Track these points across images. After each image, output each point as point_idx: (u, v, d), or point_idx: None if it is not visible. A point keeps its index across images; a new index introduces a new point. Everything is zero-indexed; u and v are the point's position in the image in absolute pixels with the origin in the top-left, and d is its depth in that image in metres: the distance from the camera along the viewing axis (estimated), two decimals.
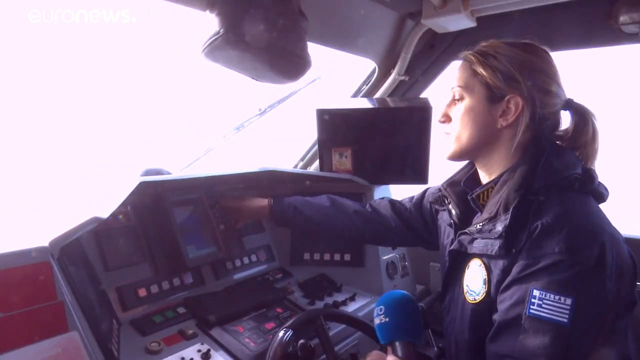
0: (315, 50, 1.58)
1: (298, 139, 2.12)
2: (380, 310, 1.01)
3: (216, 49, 1.16)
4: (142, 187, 1.20)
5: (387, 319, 0.99)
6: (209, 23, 1.17)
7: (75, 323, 0.86)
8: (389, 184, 1.87)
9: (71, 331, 0.85)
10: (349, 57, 1.78)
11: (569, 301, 0.83)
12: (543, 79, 0.98)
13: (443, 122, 1.10)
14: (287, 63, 1.23)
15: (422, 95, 1.90)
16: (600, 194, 1.00)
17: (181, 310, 1.32)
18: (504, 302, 0.91)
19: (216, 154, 1.82)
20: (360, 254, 1.74)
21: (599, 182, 1.01)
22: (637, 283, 0.96)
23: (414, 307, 1.04)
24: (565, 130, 1.04)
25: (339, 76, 2.02)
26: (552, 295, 0.84)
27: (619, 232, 0.94)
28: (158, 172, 1.51)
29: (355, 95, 1.98)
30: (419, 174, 1.75)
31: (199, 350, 1.17)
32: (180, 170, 1.81)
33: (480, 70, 1.01)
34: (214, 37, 1.14)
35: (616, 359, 0.92)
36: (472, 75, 1.03)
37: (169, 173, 1.55)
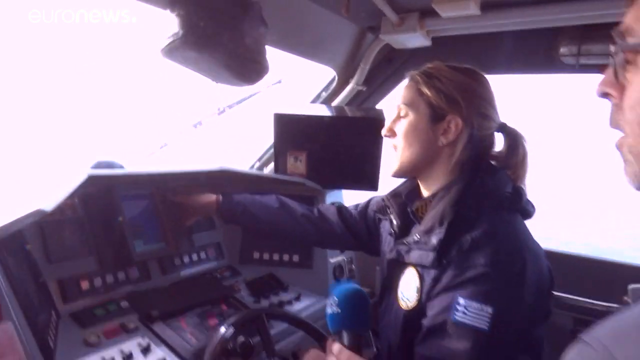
0: (277, 54, 1.62)
1: (256, 140, 2.14)
2: (334, 301, 1.05)
3: (175, 49, 1.18)
4: (91, 180, 1.20)
5: (338, 310, 1.02)
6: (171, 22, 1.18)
7: (10, 314, 0.86)
8: (340, 189, 1.92)
9: (5, 322, 0.85)
10: (310, 63, 1.82)
11: (489, 310, 0.89)
12: (481, 103, 1.07)
13: (388, 136, 1.17)
14: (245, 67, 1.25)
15: (379, 106, 1.97)
16: (527, 212, 1.09)
17: (124, 304, 1.32)
18: (433, 309, 0.98)
19: (172, 149, 1.82)
20: (309, 255, 1.78)
21: (527, 199, 1.09)
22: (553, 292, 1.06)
23: (364, 302, 1.08)
24: (500, 152, 1.13)
25: (300, 80, 2.06)
26: (475, 304, 0.90)
27: (540, 248, 1.03)
28: (110, 165, 1.50)
29: (314, 101, 2.03)
30: (370, 182, 1.81)
31: (139, 344, 1.18)
32: (134, 164, 1.80)
33: (425, 90, 1.08)
34: (173, 38, 1.16)
35: None
36: (417, 94, 1.10)
37: (121, 166, 1.54)
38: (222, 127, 1.91)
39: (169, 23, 1.15)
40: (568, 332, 1.58)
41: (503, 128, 1.11)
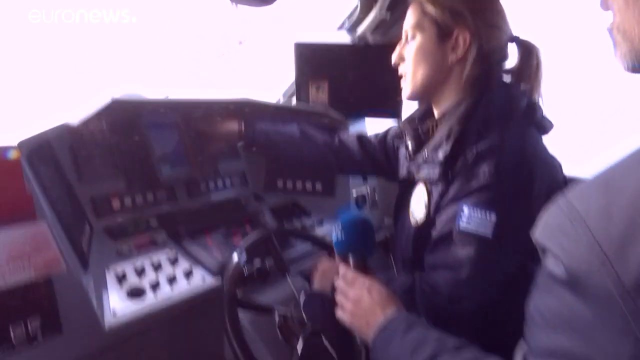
0: None
1: (281, 72, 2.13)
2: (338, 227, 1.08)
3: None
4: (118, 106, 1.24)
5: (342, 236, 1.06)
6: None
7: (44, 213, 0.93)
8: (363, 117, 1.92)
9: (39, 221, 0.92)
10: None
11: (493, 217, 0.90)
12: (488, 15, 1.04)
13: (397, 63, 1.15)
14: None
15: None
16: (543, 126, 1.06)
17: (153, 222, 1.40)
18: (440, 221, 0.99)
19: (197, 81, 1.85)
20: (332, 184, 1.81)
21: (543, 115, 1.07)
22: None
23: (367, 227, 1.11)
24: (513, 66, 1.10)
25: (323, 8, 2.02)
26: (479, 211, 0.91)
27: (556, 161, 1.02)
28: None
29: (339, 29, 1.99)
30: (394, 110, 1.80)
31: (167, 256, 1.26)
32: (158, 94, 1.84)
33: (429, 8, 1.05)
34: None
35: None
36: (422, 14, 1.07)
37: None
38: (246, 59, 1.92)
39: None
40: None
41: (515, 39, 1.08)
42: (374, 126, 1.95)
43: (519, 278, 0.96)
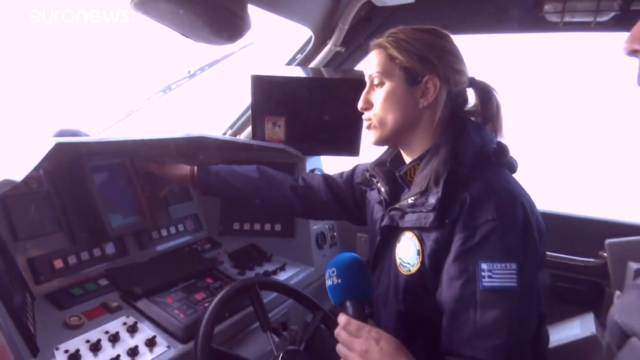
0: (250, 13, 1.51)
1: (227, 106, 2.03)
2: (333, 272, 1.00)
3: (148, 1, 1.06)
4: (58, 150, 1.08)
5: (339, 281, 0.99)
6: None
7: None
8: (321, 155, 1.87)
9: None
10: (284, 23, 1.72)
11: (514, 266, 0.88)
12: (453, 59, 1.05)
13: (365, 109, 1.12)
14: (226, 22, 1.15)
15: (357, 68, 1.90)
16: (512, 165, 1.08)
17: (103, 282, 1.23)
18: (453, 282, 0.93)
19: (139, 117, 1.69)
20: (291, 224, 1.74)
21: (511, 155, 1.08)
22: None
23: (363, 269, 1.05)
24: (474, 106, 1.12)
25: (273, 42, 1.96)
26: (498, 264, 0.88)
27: (531, 198, 1.02)
28: (74, 133, 1.37)
29: (289, 63, 1.93)
30: (351, 147, 1.77)
31: (124, 323, 1.11)
32: (98, 133, 1.66)
33: (397, 54, 1.04)
34: None
35: (536, 316, 1.00)
36: (389, 60, 1.06)
37: (87, 135, 1.41)
38: (193, 93, 1.80)
39: None
40: (547, 288, 1.62)
41: (473, 82, 1.10)
42: (330, 163, 1.91)
43: None
